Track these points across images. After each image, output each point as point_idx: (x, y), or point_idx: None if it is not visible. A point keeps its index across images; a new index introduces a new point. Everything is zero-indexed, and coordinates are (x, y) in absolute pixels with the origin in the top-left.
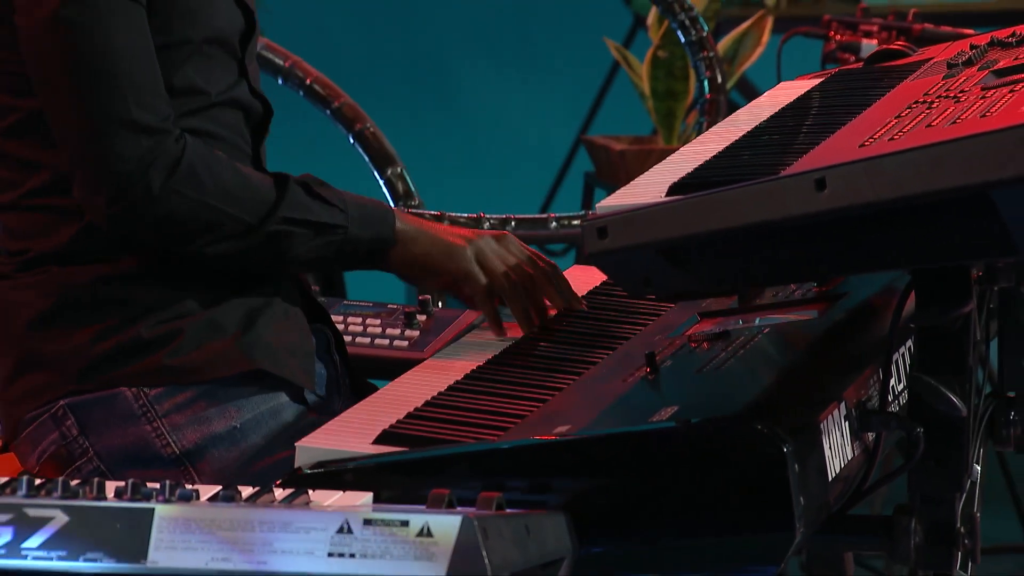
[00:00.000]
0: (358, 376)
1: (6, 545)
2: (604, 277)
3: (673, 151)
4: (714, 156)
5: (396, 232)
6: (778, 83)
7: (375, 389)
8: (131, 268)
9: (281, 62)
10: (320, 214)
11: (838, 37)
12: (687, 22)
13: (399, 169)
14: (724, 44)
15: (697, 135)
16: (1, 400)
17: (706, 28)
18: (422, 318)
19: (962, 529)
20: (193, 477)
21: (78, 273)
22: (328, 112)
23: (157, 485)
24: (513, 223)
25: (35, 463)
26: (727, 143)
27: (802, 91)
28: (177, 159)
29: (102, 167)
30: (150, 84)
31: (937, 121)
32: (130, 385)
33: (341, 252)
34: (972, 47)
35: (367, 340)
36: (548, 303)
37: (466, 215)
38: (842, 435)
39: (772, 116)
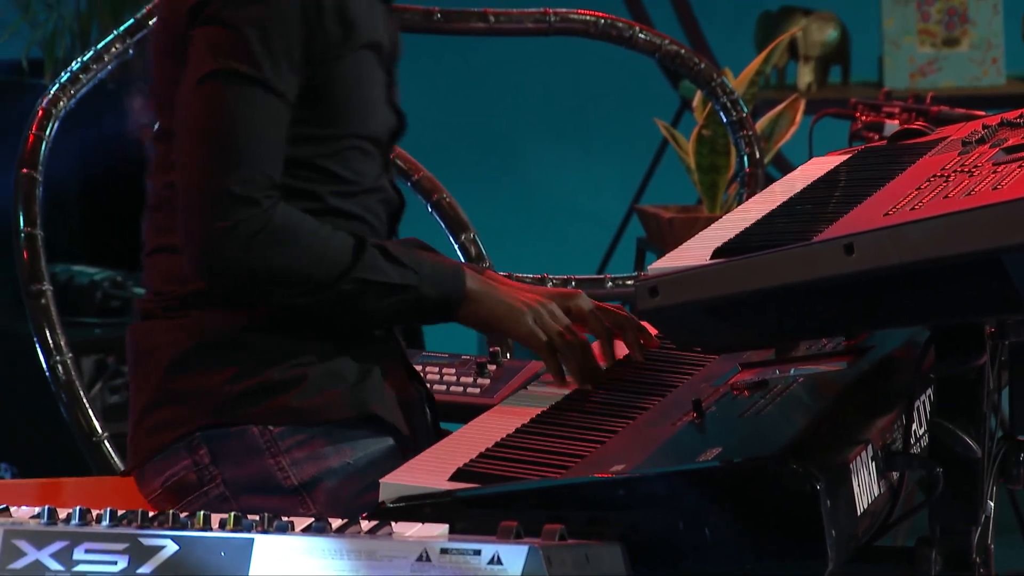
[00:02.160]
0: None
1: (122, 571)
2: (655, 331)
3: (716, 219)
4: (753, 223)
5: (466, 292)
6: (810, 159)
7: (451, 431)
8: (263, 319)
9: None
10: (392, 275)
11: (864, 118)
12: (728, 104)
13: (472, 235)
14: (761, 124)
15: (738, 205)
16: (135, 429)
17: (745, 109)
18: (492, 368)
19: (977, 559)
20: (309, 506)
21: (217, 319)
22: (409, 184)
23: (257, 517)
24: (573, 283)
25: (159, 487)
26: (765, 212)
27: (831, 166)
28: (262, 226)
29: (195, 225)
30: (260, 163)
31: (953, 193)
32: (258, 422)
33: (412, 308)
34: (984, 127)
35: (443, 387)
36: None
37: (531, 276)
38: (869, 474)
39: (805, 188)
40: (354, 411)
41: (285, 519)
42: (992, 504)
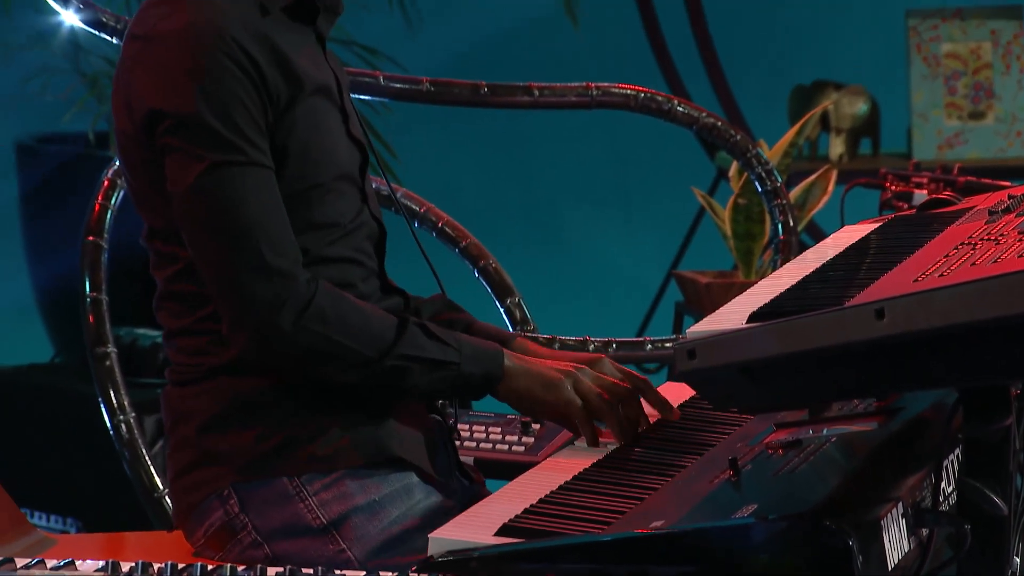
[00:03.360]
0: (462, 464)
1: None
2: (693, 392)
3: (752, 284)
4: (787, 289)
5: (504, 370)
6: (842, 227)
7: (496, 487)
8: (284, 380)
9: (417, 207)
10: (434, 352)
11: (893, 187)
12: (763, 174)
13: (517, 299)
14: (795, 193)
15: (772, 271)
16: (173, 487)
17: (779, 179)
18: (536, 427)
19: None
20: (338, 542)
21: (244, 383)
22: (456, 250)
23: (311, 571)
24: (614, 345)
25: (202, 536)
26: (798, 278)
27: (862, 234)
28: (308, 300)
29: (243, 310)
30: (280, 233)
31: (980, 260)
32: (286, 474)
33: (454, 385)
34: (1010, 197)
35: (489, 445)
36: (646, 410)
37: (573, 338)
38: (899, 531)
39: (837, 255)
40: (375, 454)
41: (339, 572)
42: (1018, 560)
